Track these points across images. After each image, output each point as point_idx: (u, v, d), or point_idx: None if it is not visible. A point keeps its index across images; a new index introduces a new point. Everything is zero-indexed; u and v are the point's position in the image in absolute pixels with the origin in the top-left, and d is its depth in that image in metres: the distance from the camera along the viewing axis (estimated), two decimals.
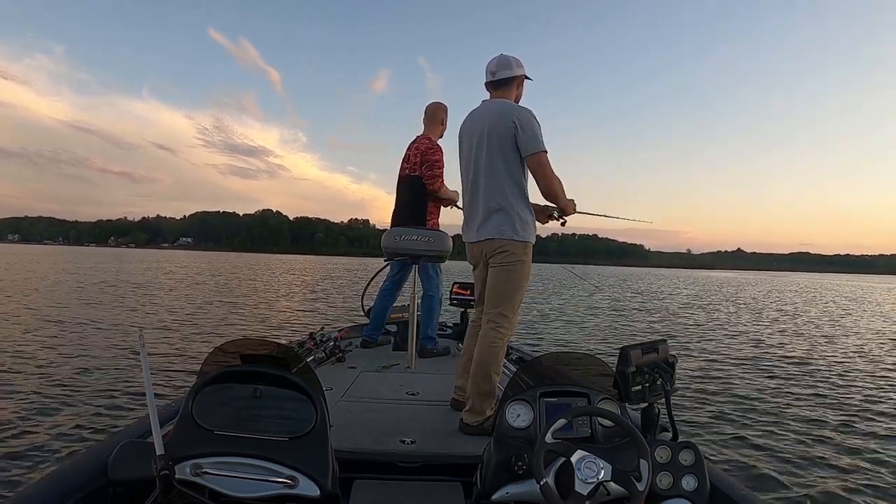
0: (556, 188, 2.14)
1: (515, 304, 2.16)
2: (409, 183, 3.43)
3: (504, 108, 2.14)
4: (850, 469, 3.39)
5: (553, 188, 2.13)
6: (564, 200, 2.22)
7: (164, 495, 1.12)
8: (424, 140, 3.43)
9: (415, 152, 3.40)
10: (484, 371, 2.09)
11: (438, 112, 3.51)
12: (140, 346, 1.26)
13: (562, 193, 2.18)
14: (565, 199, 2.22)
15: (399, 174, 3.54)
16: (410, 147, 3.47)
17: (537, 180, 2.13)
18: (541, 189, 2.15)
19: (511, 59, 2.23)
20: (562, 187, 2.17)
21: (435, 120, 3.49)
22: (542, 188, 2.14)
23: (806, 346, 8.69)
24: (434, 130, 3.48)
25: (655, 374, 1.49)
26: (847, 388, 5.68)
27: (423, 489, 1.65)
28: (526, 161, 2.11)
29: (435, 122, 3.49)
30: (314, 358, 3.11)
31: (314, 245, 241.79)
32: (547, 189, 2.14)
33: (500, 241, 2.12)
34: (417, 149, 3.39)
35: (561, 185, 2.16)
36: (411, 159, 3.42)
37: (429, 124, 3.50)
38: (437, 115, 3.50)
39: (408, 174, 3.44)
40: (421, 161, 3.36)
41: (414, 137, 3.52)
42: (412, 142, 3.50)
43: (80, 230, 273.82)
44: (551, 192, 2.15)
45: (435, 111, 3.51)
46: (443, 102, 3.58)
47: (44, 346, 6.17)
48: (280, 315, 10.70)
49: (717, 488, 1.43)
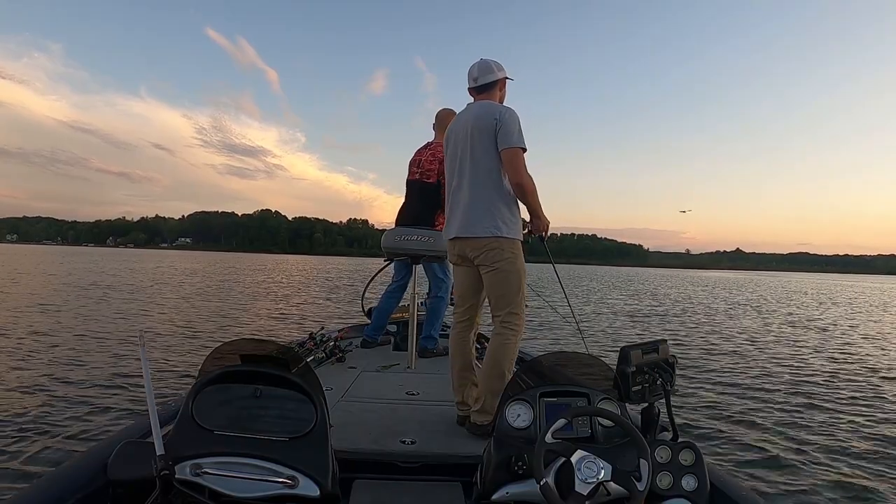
0: (527, 186, 2.10)
1: (521, 300, 2.17)
2: (420, 188, 3.42)
3: (488, 108, 2.17)
4: (851, 469, 3.39)
5: (523, 185, 2.10)
6: (535, 203, 2.19)
7: (163, 495, 1.12)
8: (441, 148, 3.42)
9: (430, 159, 3.40)
10: (498, 371, 2.09)
11: (449, 118, 3.48)
12: (140, 346, 1.26)
13: (532, 193, 2.15)
14: (536, 202, 2.19)
15: (409, 177, 3.52)
16: (423, 152, 3.47)
17: (509, 175, 2.11)
18: (512, 185, 2.12)
19: (491, 63, 2.26)
20: (534, 189, 2.13)
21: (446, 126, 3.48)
22: (513, 183, 2.11)
23: (807, 347, 8.69)
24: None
25: (655, 374, 1.49)
26: (848, 388, 5.68)
27: (423, 489, 1.64)
28: (501, 154, 2.09)
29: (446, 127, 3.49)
30: (314, 358, 3.11)
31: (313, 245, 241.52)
32: (517, 185, 2.10)
33: (487, 240, 2.11)
34: (434, 156, 3.38)
35: (533, 187, 2.13)
36: (424, 165, 3.41)
37: (440, 130, 3.50)
38: (448, 121, 3.48)
39: (420, 179, 3.43)
40: (439, 170, 3.35)
41: (424, 143, 3.53)
42: (424, 147, 3.50)
43: (78, 230, 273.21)
44: (522, 190, 2.12)
45: (447, 117, 3.48)
46: (452, 109, 3.56)
47: (43, 346, 6.16)
48: (280, 315, 10.69)
49: (717, 488, 1.43)
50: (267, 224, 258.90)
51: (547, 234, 2.35)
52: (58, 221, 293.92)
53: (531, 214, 2.26)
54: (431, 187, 3.38)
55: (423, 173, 3.42)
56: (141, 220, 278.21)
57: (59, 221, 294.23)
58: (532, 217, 2.27)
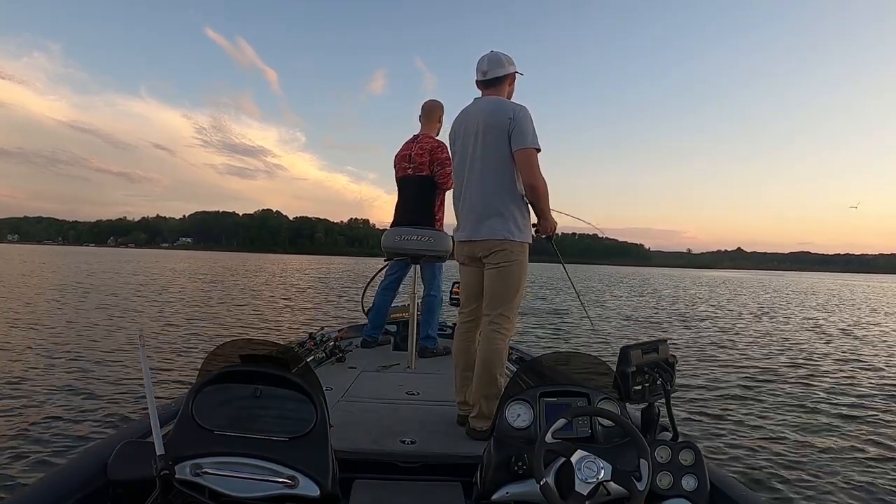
0: (540, 188, 2.09)
1: (515, 304, 2.15)
2: (416, 183, 3.38)
3: (500, 105, 2.11)
4: (852, 469, 3.39)
5: (537, 187, 2.08)
6: (546, 204, 2.17)
7: (163, 495, 1.12)
8: (428, 139, 3.39)
9: (420, 152, 3.35)
10: (489, 374, 2.07)
11: (437, 110, 3.48)
12: (140, 346, 1.26)
13: (544, 196, 2.13)
14: (547, 204, 2.17)
15: (400, 174, 3.48)
16: (411, 146, 3.42)
17: (523, 176, 2.09)
18: (524, 186, 2.11)
19: (502, 56, 2.19)
20: (546, 191, 2.12)
21: (433, 117, 3.47)
22: (526, 185, 2.10)
23: (807, 347, 8.68)
24: (433, 128, 3.45)
25: (656, 374, 1.49)
26: (849, 388, 5.67)
27: (423, 489, 1.64)
28: (515, 155, 2.06)
29: (433, 119, 3.46)
30: (314, 358, 3.11)
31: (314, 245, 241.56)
32: (531, 187, 2.09)
33: (496, 242, 2.09)
34: (423, 148, 3.35)
35: (546, 189, 2.12)
36: (415, 159, 3.36)
37: (427, 122, 3.47)
38: (435, 112, 3.48)
39: (413, 174, 3.38)
40: (430, 160, 3.32)
41: (411, 136, 3.48)
42: (411, 140, 3.45)
43: (79, 230, 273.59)
44: (534, 192, 2.11)
45: (433, 108, 3.48)
46: (440, 101, 3.55)
47: (43, 346, 6.17)
48: (280, 315, 10.69)
49: (717, 488, 1.43)
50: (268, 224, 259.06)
51: (553, 234, 2.34)
52: (58, 221, 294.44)
53: (539, 216, 2.23)
54: (427, 181, 3.35)
55: (415, 168, 3.37)
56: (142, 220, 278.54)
57: (59, 221, 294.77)
58: (540, 218, 2.24)
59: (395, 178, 3.53)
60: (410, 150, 3.41)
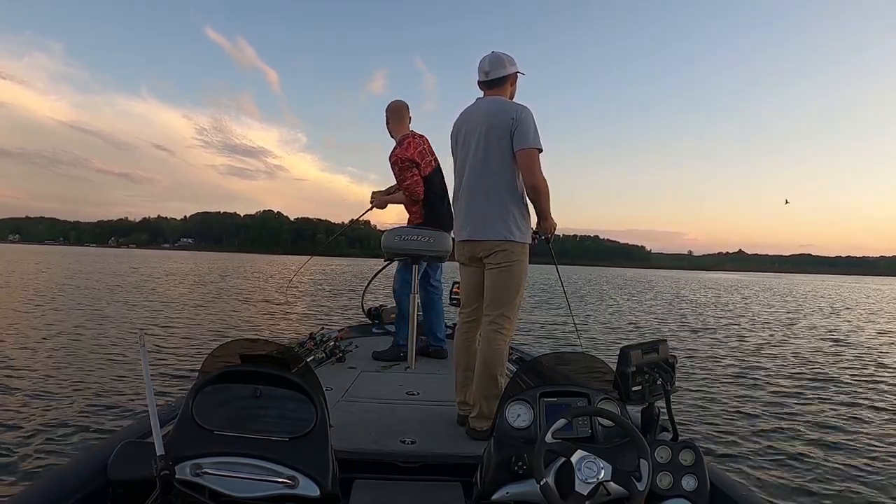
0: (541, 189, 2.09)
1: (516, 305, 2.15)
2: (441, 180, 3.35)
3: (503, 105, 2.11)
4: (852, 469, 3.39)
5: (538, 188, 2.08)
6: (546, 205, 2.17)
7: (163, 495, 1.12)
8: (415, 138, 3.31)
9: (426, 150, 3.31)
10: (490, 374, 2.07)
11: (404, 111, 3.38)
12: (140, 346, 1.26)
13: (545, 197, 2.13)
14: (547, 204, 2.17)
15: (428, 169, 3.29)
16: (425, 142, 3.33)
17: (524, 176, 2.09)
18: (525, 186, 2.11)
19: (503, 56, 2.19)
20: (547, 191, 2.12)
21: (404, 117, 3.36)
22: (527, 186, 2.10)
23: (808, 347, 8.68)
24: (405, 126, 3.35)
25: (655, 374, 1.49)
26: (849, 388, 5.67)
27: (423, 489, 1.64)
28: (516, 155, 2.06)
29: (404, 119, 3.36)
30: (314, 358, 3.11)
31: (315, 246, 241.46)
32: (532, 187, 2.09)
33: (497, 242, 2.09)
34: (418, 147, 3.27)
35: (547, 189, 2.11)
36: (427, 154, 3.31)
37: (397, 123, 3.34)
38: (404, 113, 3.38)
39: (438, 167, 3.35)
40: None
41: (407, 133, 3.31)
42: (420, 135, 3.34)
43: (80, 230, 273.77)
44: (535, 192, 2.10)
45: (400, 109, 3.36)
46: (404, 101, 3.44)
47: (44, 346, 6.18)
48: (280, 315, 10.70)
49: (717, 488, 1.43)
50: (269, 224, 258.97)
51: (552, 235, 2.34)
52: (59, 222, 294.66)
53: (539, 216, 2.23)
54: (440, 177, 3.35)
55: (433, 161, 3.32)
56: (143, 221, 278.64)
57: (60, 222, 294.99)
58: (540, 219, 2.25)
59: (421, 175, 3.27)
60: (423, 143, 3.32)
